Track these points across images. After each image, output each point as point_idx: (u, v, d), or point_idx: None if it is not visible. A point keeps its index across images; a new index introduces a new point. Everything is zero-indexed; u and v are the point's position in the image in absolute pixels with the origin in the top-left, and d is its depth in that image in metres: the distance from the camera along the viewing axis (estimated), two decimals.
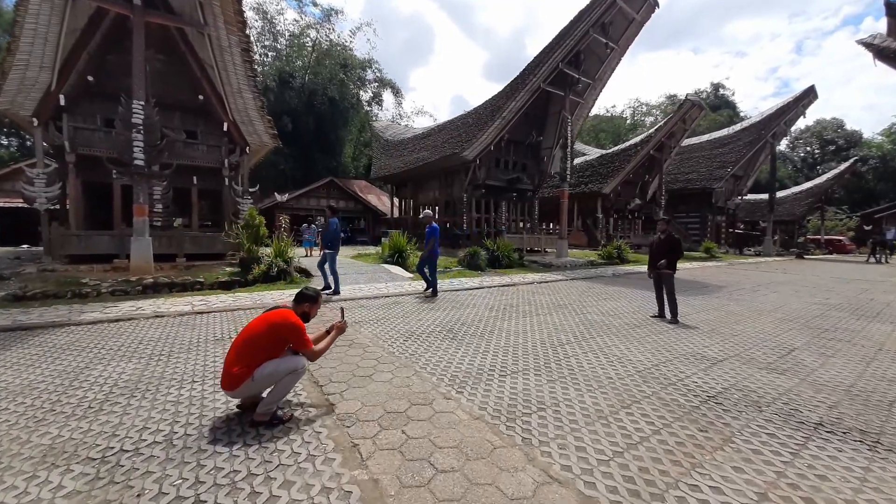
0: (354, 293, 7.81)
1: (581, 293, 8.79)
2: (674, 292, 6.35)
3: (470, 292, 8.58)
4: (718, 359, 4.44)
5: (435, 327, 5.45)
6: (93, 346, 4.35)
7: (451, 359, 4.15)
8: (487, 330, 5.37)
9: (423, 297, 7.85)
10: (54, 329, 5.04)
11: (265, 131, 12.30)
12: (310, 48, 35.33)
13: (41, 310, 5.99)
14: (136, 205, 8.82)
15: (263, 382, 2.63)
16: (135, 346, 4.34)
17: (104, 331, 4.99)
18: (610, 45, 15.64)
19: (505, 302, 7.50)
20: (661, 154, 25.33)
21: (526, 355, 4.34)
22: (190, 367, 3.75)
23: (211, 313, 6.02)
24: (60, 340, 4.58)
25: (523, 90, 15.57)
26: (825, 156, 64.47)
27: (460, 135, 18.63)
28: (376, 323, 5.64)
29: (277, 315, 2.74)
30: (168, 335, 4.81)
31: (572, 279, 11.32)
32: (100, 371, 3.61)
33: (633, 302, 7.89)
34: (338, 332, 3.03)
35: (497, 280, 10.47)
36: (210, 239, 11.06)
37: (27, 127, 10.48)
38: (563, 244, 17.15)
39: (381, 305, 6.90)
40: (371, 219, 29.13)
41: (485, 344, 4.72)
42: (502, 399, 3.20)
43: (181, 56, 10.69)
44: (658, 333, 5.49)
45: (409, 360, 4.05)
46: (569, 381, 3.65)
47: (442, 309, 6.71)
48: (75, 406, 2.92)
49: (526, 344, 4.76)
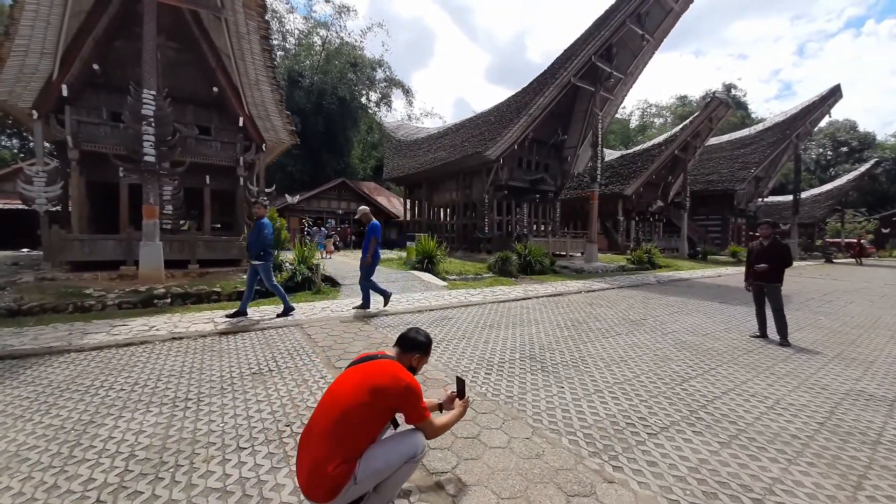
0: (395, 306, 6.86)
1: (643, 305, 7.82)
2: (782, 308, 5.38)
3: (519, 304, 7.62)
4: (891, 398, 3.49)
5: (511, 353, 4.50)
6: (99, 384, 3.41)
7: (563, 403, 3.20)
8: (576, 357, 4.41)
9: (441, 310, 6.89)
10: (51, 357, 4.10)
11: (283, 127, 11.41)
12: (319, 47, 34.55)
13: (37, 329, 5.06)
14: (145, 206, 7.91)
15: (369, 482, 1.67)
16: (152, 385, 3.40)
17: (112, 360, 4.05)
18: (646, 37, 14.72)
19: (567, 317, 6.54)
20: (685, 154, 24.38)
21: (654, 398, 3.38)
22: (229, 419, 2.80)
23: (238, 334, 5.08)
24: (58, 375, 3.64)
25: (552, 85, 14.65)
26: (838, 157, 63.48)
27: (482, 133, 17.72)
28: (437, 345, 4.69)
29: (382, 373, 1.78)
30: (191, 366, 3.87)
31: (619, 287, 10.35)
32: (109, 429, 2.67)
33: (711, 316, 6.92)
34: (465, 407, 2.10)
35: (539, 289, 9.51)
36: (225, 243, 10.13)
37: (26, 120, 9.60)
38: (592, 248, 16.20)
39: (430, 322, 5.95)
40: (382, 222, 28.20)
41: (587, 378, 3.76)
42: (683, 479, 2.24)
43: (195, 44, 9.80)
44: (782, 361, 4.53)
45: (514, 408, 3.10)
46: (745, 441, 2.69)
47: (502, 326, 5.76)
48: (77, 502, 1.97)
49: (640, 379, 3.80)
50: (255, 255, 5.83)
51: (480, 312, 6.72)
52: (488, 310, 6.95)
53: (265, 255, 5.88)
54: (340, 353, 4.26)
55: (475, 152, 16.60)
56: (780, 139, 28.58)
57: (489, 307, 7.21)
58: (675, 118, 60.53)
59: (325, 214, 24.60)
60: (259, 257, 5.83)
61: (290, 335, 5.03)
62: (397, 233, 28.92)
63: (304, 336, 4.99)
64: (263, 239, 5.80)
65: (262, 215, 5.97)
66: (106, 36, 9.07)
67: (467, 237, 19.89)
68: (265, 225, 5.86)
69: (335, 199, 25.59)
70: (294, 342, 4.72)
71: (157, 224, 8.05)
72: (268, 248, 5.90)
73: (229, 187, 11.49)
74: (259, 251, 5.80)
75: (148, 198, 7.89)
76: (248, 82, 10.26)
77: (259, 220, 5.90)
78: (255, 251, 5.82)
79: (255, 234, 5.84)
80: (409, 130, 28.91)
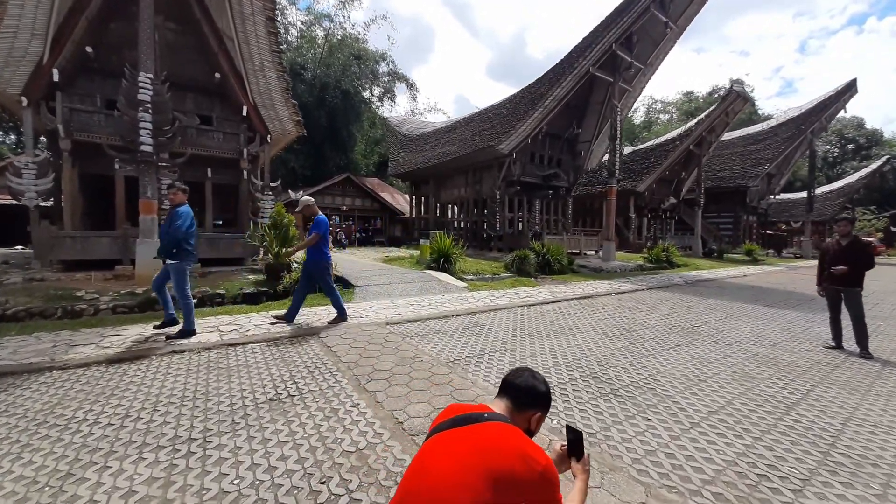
0: (418, 311, 6.22)
1: (685, 310, 7.18)
2: (863, 316, 4.75)
3: (550, 308, 6.98)
4: None
5: (568, 370, 3.86)
6: (83, 416, 2.77)
7: (662, 444, 2.56)
8: (644, 376, 3.78)
9: (468, 315, 6.25)
10: (31, 377, 3.46)
11: (289, 117, 10.75)
12: (322, 39, 33.73)
13: (19, 340, 4.42)
14: (142, 200, 7.26)
15: None
16: (147, 417, 2.76)
17: (101, 380, 3.41)
18: (669, 24, 14.01)
19: (609, 323, 5.90)
20: (700, 149, 23.65)
21: (768, 434, 2.74)
22: (245, 472, 2.16)
23: (248, 345, 4.43)
24: (36, 401, 3.01)
25: (570, 75, 13.97)
26: (845, 155, 62.79)
27: (493, 126, 17.05)
28: (478, 360, 4.05)
29: (504, 451, 1.12)
30: (194, 389, 3.23)
31: (649, 288, 9.70)
32: (91, 486, 2.03)
33: (766, 322, 6.29)
34: (587, 474, 1.44)
35: (565, 290, 8.87)
36: (228, 241, 9.48)
37: (15, 108, 8.93)
38: (610, 246, 15.59)
39: (461, 329, 5.31)
40: (387, 218, 27.55)
41: (673, 406, 3.13)
42: None
43: (196, 25, 9.09)
44: (877, 377, 3.92)
45: (604, 452, 2.46)
46: None
47: (543, 335, 5.12)
48: None
49: (735, 406, 3.17)
50: (166, 252, 4.58)
51: (512, 318, 6.08)
52: (519, 315, 6.32)
53: (181, 254, 4.60)
54: (370, 372, 3.62)
55: (487, 146, 15.93)
56: (794, 134, 27.86)
57: (519, 311, 6.57)
58: (682, 114, 59.74)
59: (329, 211, 23.92)
60: (172, 255, 4.57)
61: (308, 347, 4.39)
62: (402, 230, 28.29)
63: (322, 348, 4.35)
64: (176, 231, 4.53)
65: (180, 202, 4.75)
66: (100, 16, 8.37)
67: (477, 234, 19.25)
68: (180, 214, 4.62)
69: (339, 195, 24.91)
70: (313, 356, 4.08)
71: (156, 220, 7.39)
72: (184, 246, 4.61)
73: (232, 181, 10.83)
74: (171, 247, 4.55)
75: (145, 191, 7.24)
76: (253, 68, 9.57)
77: (175, 208, 4.70)
78: (165, 247, 4.58)
79: (167, 224, 4.66)
80: (415, 125, 28.19)
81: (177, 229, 4.54)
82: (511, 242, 16.64)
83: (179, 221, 4.58)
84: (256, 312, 5.95)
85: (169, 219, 4.67)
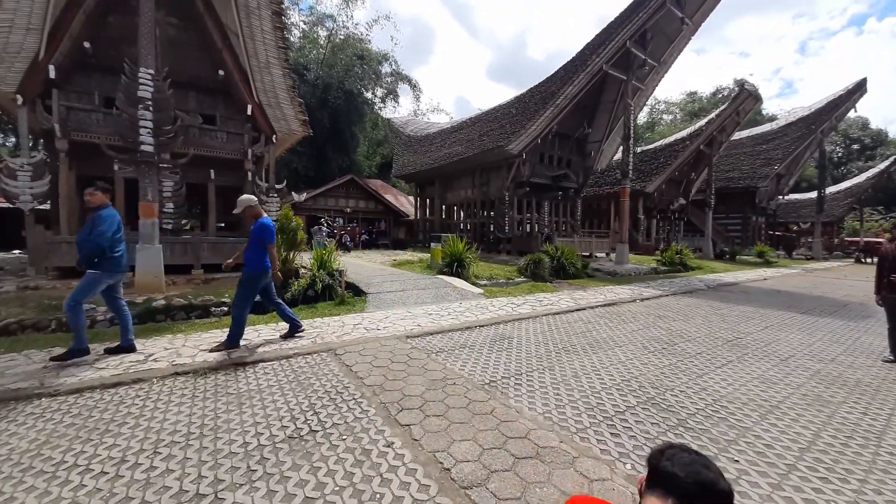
0: (438, 322, 5.80)
1: (720, 318, 6.75)
2: None
3: (576, 317, 6.56)
4: None
5: (620, 394, 3.44)
6: (73, 460, 2.36)
7: (763, 496, 2.14)
8: (708, 402, 3.35)
9: (492, 326, 5.83)
10: (18, 406, 3.05)
11: (295, 116, 10.34)
12: (324, 39, 33.40)
13: (6, 360, 4.00)
14: (142, 203, 6.86)
15: None
16: (146, 461, 2.35)
17: (94, 410, 3.00)
18: (685, 20, 13.61)
19: (645, 335, 5.48)
20: (710, 149, 23.25)
21: (873, 475, 2.33)
22: None
23: (259, 364, 4.02)
24: (20, 438, 2.59)
25: (582, 73, 13.57)
26: (850, 155, 62.38)
27: (502, 126, 16.64)
28: (517, 382, 3.63)
29: None
30: (201, 423, 2.82)
31: (674, 294, 9.28)
32: None
33: (812, 333, 5.86)
34: None
35: (587, 296, 8.45)
36: (232, 246, 9.07)
37: (10, 107, 8.54)
38: (623, 249, 15.18)
39: (488, 342, 4.89)
40: (391, 220, 27.14)
41: (755, 441, 2.70)
42: None
43: (198, 19, 8.71)
44: None
45: None
46: None
47: (578, 349, 4.69)
48: None
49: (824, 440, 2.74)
50: (87, 262, 3.91)
51: (539, 329, 5.65)
52: (546, 325, 5.89)
53: (104, 263, 3.95)
54: (399, 399, 3.20)
55: (496, 146, 15.53)
56: (804, 134, 27.44)
57: (544, 321, 6.15)
58: (685, 114, 59.35)
59: (333, 213, 23.53)
60: (94, 265, 3.92)
61: (325, 367, 3.97)
62: (406, 232, 27.87)
63: (341, 367, 3.93)
64: (99, 238, 3.87)
65: (101, 204, 4.07)
66: (98, 9, 7.99)
67: (484, 237, 18.84)
68: (104, 218, 3.97)
69: (343, 196, 24.50)
70: (332, 378, 3.66)
71: (157, 224, 7.00)
72: (109, 254, 3.96)
73: (236, 183, 10.44)
74: (94, 256, 3.90)
75: (146, 194, 6.84)
76: (258, 65, 9.17)
77: (97, 210, 4.02)
78: (87, 256, 3.90)
79: (87, 229, 3.96)
80: (419, 126, 27.78)
81: (100, 235, 3.89)
82: (520, 244, 16.24)
83: (104, 227, 3.93)
84: (264, 324, 5.54)
85: (90, 224, 3.96)
